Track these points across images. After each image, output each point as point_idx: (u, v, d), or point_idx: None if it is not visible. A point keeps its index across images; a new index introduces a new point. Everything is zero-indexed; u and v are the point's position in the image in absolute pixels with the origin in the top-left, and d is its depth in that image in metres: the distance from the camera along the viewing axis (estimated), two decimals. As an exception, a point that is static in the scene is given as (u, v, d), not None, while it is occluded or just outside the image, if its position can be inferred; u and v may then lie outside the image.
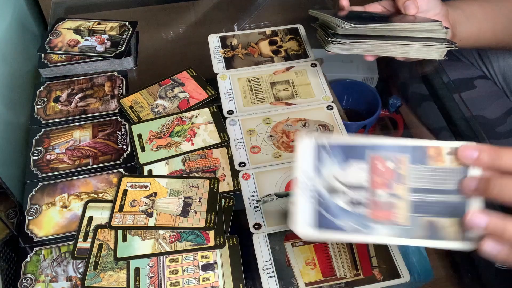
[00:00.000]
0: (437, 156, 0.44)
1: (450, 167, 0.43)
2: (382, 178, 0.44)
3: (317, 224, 0.43)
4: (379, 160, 0.44)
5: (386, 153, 0.44)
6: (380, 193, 0.44)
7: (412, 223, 0.43)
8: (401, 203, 0.43)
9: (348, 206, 0.43)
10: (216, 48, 0.86)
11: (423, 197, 0.43)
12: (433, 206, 0.43)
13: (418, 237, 0.43)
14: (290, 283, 0.56)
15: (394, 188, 0.44)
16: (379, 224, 0.43)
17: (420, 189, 0.43)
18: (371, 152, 0.44)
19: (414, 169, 0.44)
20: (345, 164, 0.44)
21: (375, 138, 0.45)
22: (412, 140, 0.44)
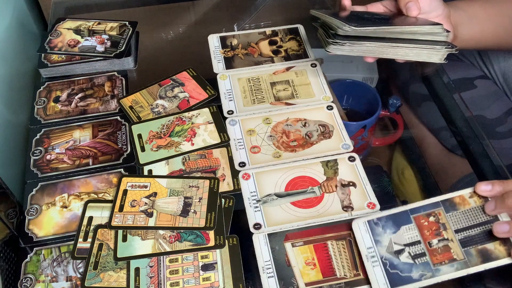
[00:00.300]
0: (463, 201, 0.58)
1: (475, 205, 0.57)
2: (430, 230, 0.56)
3: (391, 283, 0.54)
4: (422, 218, 0.57)
5: (425, 212, 0.57)
6: (433, 242, 0.55)
7: (467, 256, 0.54)
8: (452, 243, 0.55)
9: (412, 260, 0.55)
10: (216, 48, 0.86)
11: (466, 233, 0.55)
12: (476, 237, 0.55)
13: (476, 264, 0.53)
14: (290, 283, 0.56)
15: (442, 234, 0.56)
16: (442, 265, 0.54)
17: (461, 229, 0.56)
18: (413, 215, 0.58)
19: (450, 216, 0.57)
20: (397, 229, 0.57)
21: (411, 204, 0.58)
22: (439, 196, 0.58)
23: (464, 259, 0.54)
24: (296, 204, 0.63)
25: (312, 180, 0.66)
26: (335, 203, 0.63)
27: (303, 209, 0.63)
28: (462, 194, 0.58)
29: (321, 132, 0.72)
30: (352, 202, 0.63)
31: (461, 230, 0.56)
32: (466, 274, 0.53)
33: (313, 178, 0.66)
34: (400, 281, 0.54)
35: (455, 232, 0.56)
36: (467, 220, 0.56)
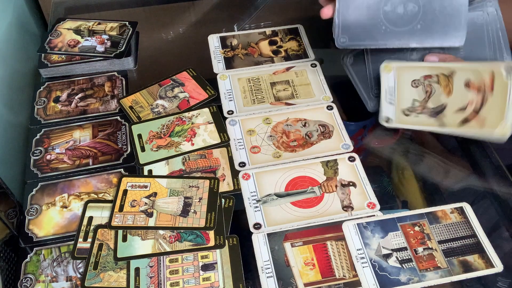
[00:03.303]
0: (445, 216, 0.61)
1: (456, 221, 0.61)
2: (415, 239, 0.59)
3: (381, 284, 0.55)
4: (408, 227, 0.60)
5: (410, 221, 0.61)
6: (419, 249, 0.58)
7: (450, 265, 0.57)
8: (436, 253, 0.58)
9: (399, 265, 0.57)
10: (216, 48, 0.86)
11: (449, 245, 0.58)
12: (458, 249, 0.58)
13: (458, 273, 0.56)
14: (289, 283, 0.56)
15: (427, 244, 0.59)
16: (428, 271, 0.56)
17: (444, 240, 0.59)
18: (400, 223, 0.60)
19: (433, 228, 0.60)
20: (385, 234, 0.59)
21: (398, 212, 0.61)
22: (424, 209, 0.62)
23: (447, 267, 0.57)
24: (296, 204, 0.63)
25: (312, 180, 0.66)
26: (335, 203, 0.63)
27: (303, 209, 0.63)
28: (444, 209, 0.62)
29: (321, 132, 0.72)
30: (352, 202, 0.63)
31: (443, 242, 0.59)
32: (449, 281, 0.56)
33: (313, 178, 0.66)
34: (390, 283, 0.55)
35: (438, 243, 0.59)
36: (449, 233, 0.60)
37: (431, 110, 0.64)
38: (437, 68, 0.64)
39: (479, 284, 0.59)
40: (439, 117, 0.63)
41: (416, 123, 0.66)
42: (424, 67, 0.65)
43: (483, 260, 0.57)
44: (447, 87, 0.63)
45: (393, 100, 0.67)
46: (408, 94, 0.66)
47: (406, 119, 0.67)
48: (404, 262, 0.57)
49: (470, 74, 0.61)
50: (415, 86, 0.64)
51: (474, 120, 0.61)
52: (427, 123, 0.65)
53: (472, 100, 0.60)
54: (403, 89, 0.67)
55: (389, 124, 0.68)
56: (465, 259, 0.57)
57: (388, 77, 0.67)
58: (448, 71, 0.63)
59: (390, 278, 0.56)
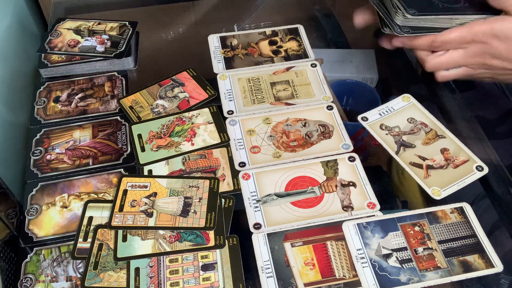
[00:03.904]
0: (445, 216, 0.61)
1: (456, 221, 0.61)
2: (415, 239, 0.59)
3: (381, 285, 0.55)
4: (408, 227, 0.60)
5: (410, 221, 0.61)
6: (419, 249, 0.58)
7: (450, 265, 0.57)
8: (436, 253, 0.58)
9: (399, 265, 0.57)
10: (216, 48, 0.86)
11: (449, 244, 0.59)
12: (457, 249, 0.58)
13: (458, 273, 0.56)
14: (289, 283, 0.56)
15: (427, 244, 0.59)
16: (428, 271, 0.56)
17: (444, 240, 0.59)
18: (400, 223, 0.60)
19: (433, 228, 0.60)
20: (385, 234, 0.59)
21: (398, 212, 0.61)
22: (424, 209, 0.62)
23: (447, 267, 0.57)
24: (296, 204, 0.63)
25: (312, 180, 0.66)
26: (335, 203, 0.63)
27: (303, 209, 0.63)
28: (444, 209, 0.62)
29: (321, 132, 0.72)
30: (352, 202, 0.63)
31: (443, 242, 0.59)
32: (450, 281, 0.56)
33: (313, 178, 0.66)
34: (390, 283, 0.55)
35: (438, 243, 0.59)
36: (449, 233, 0.60)
37: (401, 141, 0.69)
38: (435, 125, 0.71)
39: (479, 284, 0.59)
40: (402, 148, 0.68)
41: (380, 136, 0.70)
42: (426, 116, 0.72)
43: (483, 260, 0.57)
44: (429, 140, 0.68)
45: (384, 113, 0.74)
46: (398, 120, 0.72)
47: (378, 130, 0.71)
48: (404, 262, 0.57)
49: (453, 147, 0.67)
50: (408, 121, 0.71)
51: (422, 170, 0.65)
52: (389, 143, 0.69)
53: (435, 160, 0.66)
54: (399, 115, 0.73)
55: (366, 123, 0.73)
56: (465, 259, 0.57)
57: (398, 100, 0.75)
58: (441, 133, 0.69)
59: (390, 278, 0.56)
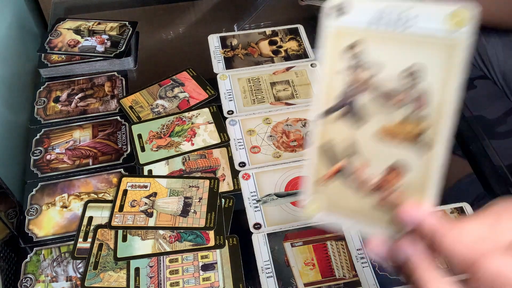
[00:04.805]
0: (445, 216, 0.60)
1: None
2: None
3: (381, 285, 0.55)
4: None
5: None
6: None
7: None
8: None
9: None
10: (216, 48, 0.86)
11: None
12: None
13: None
14: (289, 283, 0.56)
15: None
16: None
17: None
18: None
19: None
20: None
21: None
22: None
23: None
24: (296, 204, 0.63)
25: (312, 180, 0.66)
26: (335, 203, 0.63)
27: (303, 209, 0.63)
28: (444, 209, 0.62)
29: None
30: (352, 202, 0.63)
31: None
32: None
33: (313, 178, 0.66)
34: (390, 283, 0.55)
35: None
36: None
37: (350, 99, 0.42)
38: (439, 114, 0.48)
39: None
40: (340, 111, 0.48)
41: (330, 64, 0.44)
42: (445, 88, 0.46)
43: None
44: (397, 133, 0.46)
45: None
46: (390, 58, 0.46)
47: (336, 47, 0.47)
48: None
49: (417, 174, 0.42)
50: (402, 74, 0.44)
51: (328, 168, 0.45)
52: (329, 88, 0.42)
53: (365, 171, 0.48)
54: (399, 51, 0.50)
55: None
56: None
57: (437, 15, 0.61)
58: (432, 135, 0.44)
59: (390, 278, 0.56)
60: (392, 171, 0.37)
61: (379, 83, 0.36)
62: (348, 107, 0.37)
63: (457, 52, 0.33)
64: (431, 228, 0.33)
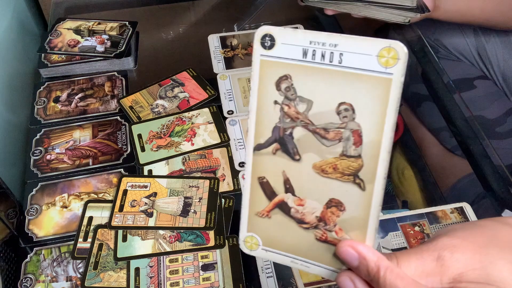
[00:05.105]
0: (445, 216, 0.61)
1: (456, 221, 0.61)
2: (415, 239, 0.59)
3: None
4: (408, 227, 0.60)
5: (410, 221, 0.61)
6: None
7: None
8: None
9: None
10: (216, 48, 0.86)
11: None
12: None
13: None
14: (289, 283, 0.56)
15: None
16: None
17: None
18: (400, 223, 0.60)
19: (433, 228, 0.60)
20: (385, 234, 0.59)
21: (398, 212, 0.61)
22: (424, 209, 0.62)
23: None
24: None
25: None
26: (335, 203, 0.63)
27: (303, 209, 0.63)
28: (444, 209, 0.62)
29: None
30: (352, 202, 0.63)
31: None
32: None
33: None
34: None
35: None
36: None
37: (285, 132, 0.37)
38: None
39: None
40: (274, 146, 0.38)
41: (260, 104, 0.38)
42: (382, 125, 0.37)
43: None
44: (332, 170, 0.37)
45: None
46: (320, 94, 0.37)
47: (266, 86, 0.38)
48: None
49: (359, 207, 0.36)
50: (337, 110, 0.36)
51: (266, 200, 0.38)
52: (261, 121, 0.38)
53: (303, 205, 0.38)
54: (329, 85, 0.37)
55: None
56: None
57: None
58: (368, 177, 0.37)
59: None
60: (330, 207, 0.36)
61: (312, 118, 0.35)
62: (282, 141, 0.36)
63: (390, 90, 0.32)
64: (376, 265, 0.33)
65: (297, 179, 0.36)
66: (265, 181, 0.38)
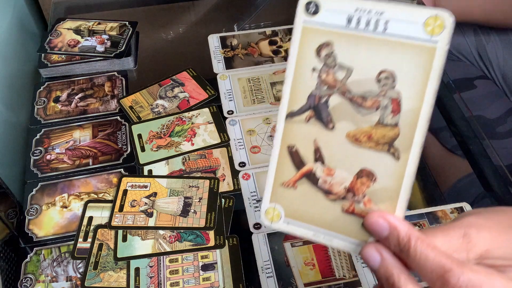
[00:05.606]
0: (445, 216, 0.61)
1: None
2: None
3: None
4: None
5: (411, 221, 0.59)
6: None
7: None
8: None
9: None
10: (216, 48, 0.86)
11: None
12: None
13: None
14: (289, 283, 0.56)
15: None
16: None
17: None
18: None
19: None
20: None
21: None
22: (424, 209, 0.62)
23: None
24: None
25: (312, 180, 0.66)
26: (335, 203, 0.63)
27: (303, 209, 0.63)
28: (444, 209, 0.62)
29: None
30: (352, 202, 0.63)
31: None
32: None
33: (313, 178, 0.66)
34: None
35: None
36: None
37: (320, 99, 0.36)
38: (411, 123, 0.36)
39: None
40: (308, 113, 0.38)
41: (299, 62, 0.37)
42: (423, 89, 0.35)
43: None
44: (369, 140, 0.36)
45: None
46: (364, 62, 0.36)
47: (309, 46, 0.38)
48: None
49: (390, 179, 0.36)
50: (377, 78, 0.36)
51: (294, 171, 0.37)
52: (296, 85, 0.37)
53: (332, 175, 0.37)
54: (373, 54, 0.36)
55: None
56: None
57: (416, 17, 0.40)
58: (406, 143, 0.35)
59: None
60: (361, 177, 0.35)
61: (350, 86, 0.34)
62: (316, 109, 0.36)
63: (434, 59, 0.32)
64: (407, 234, 0.32)
65: (328, 148, 0.35)
66: (294, 150, 0.37)
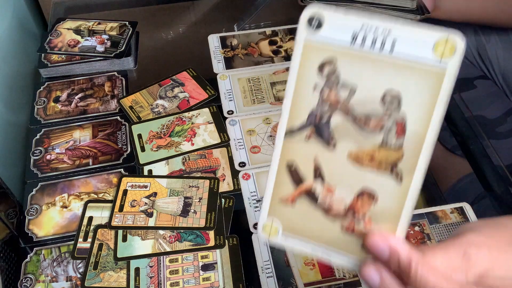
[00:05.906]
0: (445, 216, 0.61)
1: (456, 221, 0.60)
2: (416, 239, 0.59)
3: None
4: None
5: (411, 221, 0.57)
6: None
7: None
8: None
9: None
10: (216, 48, 0.86)
11: None
12: None
13: None
14: (289, 283, 0.56)
15: (427, 244, 0.58)
16: None
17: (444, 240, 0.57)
18: None
19: (433, 228, 0.60)
20: None
21: None
22: (424, 209, 0.61)
23: None
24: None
25: (312, 180, 0.66)
26: (335, 203, 0.63)
27: (303, 209, 0.63)
28: (444, 209, 0.62)
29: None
30: (352, 202, 0.63)
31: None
32: None
33: (313, 178, 0.66)
34: None
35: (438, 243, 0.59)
36: (449, 233, 0.60)
37: (320, 117, 0.36)
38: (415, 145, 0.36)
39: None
40: (307, 131, 0.37)
41: (299, 85, 0.37)
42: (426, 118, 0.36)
43: None
44: (368, 160, 0.36)
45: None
46: (366, 81, 0.35)
47: (310, 65, 0.37)
48: None
49: (393, 202, 0.36)
50: (382, 99, 0.36)
51: (292, 187, 0.37)
52: (297, 109, 0.38)
53: (333, 194, 0.36)
54: (378, 69, 0.36)
55: None
56: None
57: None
58: (410, 163, 0.35)
59: None
60: (362, 197, 0.34)
61: (353, 105, 0.33)
62: (317, 127, 0.35)
63: (443, 83, 0.31)
64: (407, 258, 0.32)
65: (328, 167, 0.35)
66: (293, 167, 0.36)
